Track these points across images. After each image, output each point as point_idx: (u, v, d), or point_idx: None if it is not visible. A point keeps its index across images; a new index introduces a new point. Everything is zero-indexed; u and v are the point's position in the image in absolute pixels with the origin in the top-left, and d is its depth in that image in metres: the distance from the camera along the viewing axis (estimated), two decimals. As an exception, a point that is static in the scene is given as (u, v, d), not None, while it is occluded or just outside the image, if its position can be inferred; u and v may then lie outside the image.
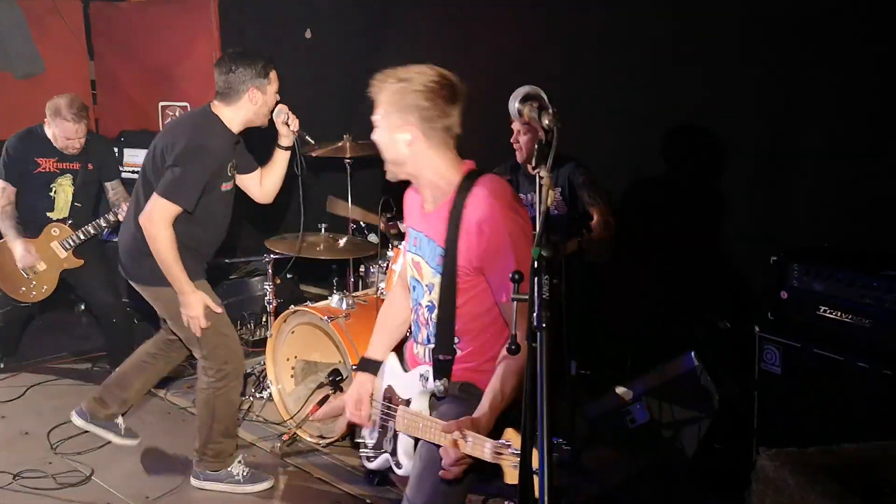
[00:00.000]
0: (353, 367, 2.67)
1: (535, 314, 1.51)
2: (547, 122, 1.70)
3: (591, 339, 4.21)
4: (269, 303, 4.38)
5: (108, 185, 4.75)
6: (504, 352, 2.18)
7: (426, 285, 2.44)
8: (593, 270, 4.27)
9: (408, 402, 2.42)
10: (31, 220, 4.62)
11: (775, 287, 3.25)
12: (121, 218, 4.32)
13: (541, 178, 1.62)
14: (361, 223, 4.77)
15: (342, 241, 4.37)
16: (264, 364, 4.28)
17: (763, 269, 3.37)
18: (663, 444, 3.82)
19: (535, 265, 1.53)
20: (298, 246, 4.06)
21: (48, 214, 4.64)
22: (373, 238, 4.65)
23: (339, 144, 4.57)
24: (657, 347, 4.11)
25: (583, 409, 4.02)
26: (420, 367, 2.46)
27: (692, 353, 3.74)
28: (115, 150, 5.31)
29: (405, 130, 2.26)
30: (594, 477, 3.75)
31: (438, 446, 2.13)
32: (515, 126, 4.15)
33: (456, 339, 2.36)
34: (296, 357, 4.18)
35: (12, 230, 4.52)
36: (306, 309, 3.93)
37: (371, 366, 2.62)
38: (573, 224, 4.16)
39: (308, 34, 5.61)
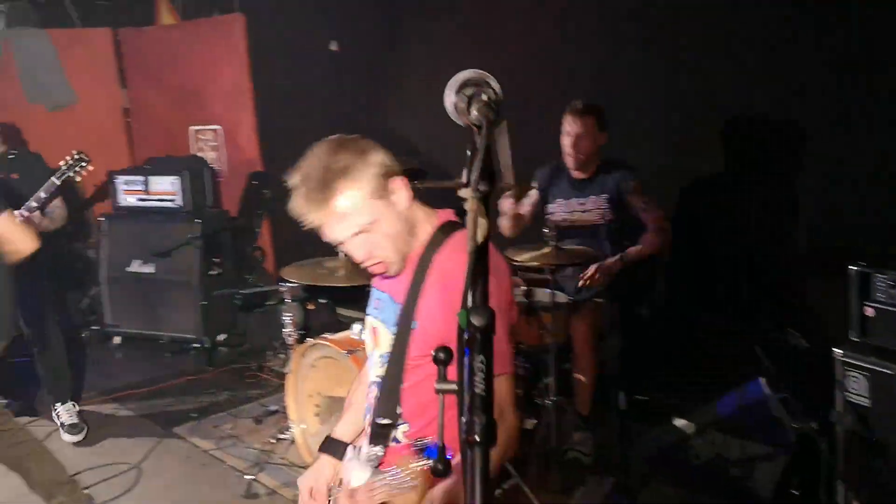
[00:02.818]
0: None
1: (463, 419, 0.99)
2: (475, 113, 1.17)
3: (646, 362, 3.84)
4: (290, 335, 4.04)
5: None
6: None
7: (380, 356, 2.00)
8: (646, 284, 3.98)
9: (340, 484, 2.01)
10: None
11: (858, 302, 2.76)
12: None
13: (463, 199, 1.06)
14: None
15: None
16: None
17: (842, 280, 2.89)
18: (732, 484, 3.35)
19: (462, 338, 1.01)
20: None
21: None
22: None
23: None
24: (721, 370, 3.67)
25: (639, 442, 3.60)
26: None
27: (761, 380, 3.27)
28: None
29: (395, 191, 1.88)
30: (653, 522, 3.31)
31: None
32: (567, 127, 3.85)
33: (400, 411, 1.92)
34: (319, 393, 3.83)
35: None
36: (324, 342, 3.59)
37: (335, 447, 2.14)
38: (619, 235, 3.81)
39: (334, 46, 5.34)
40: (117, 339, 5.85)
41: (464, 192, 1.03)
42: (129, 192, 5.80)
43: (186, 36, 6.43)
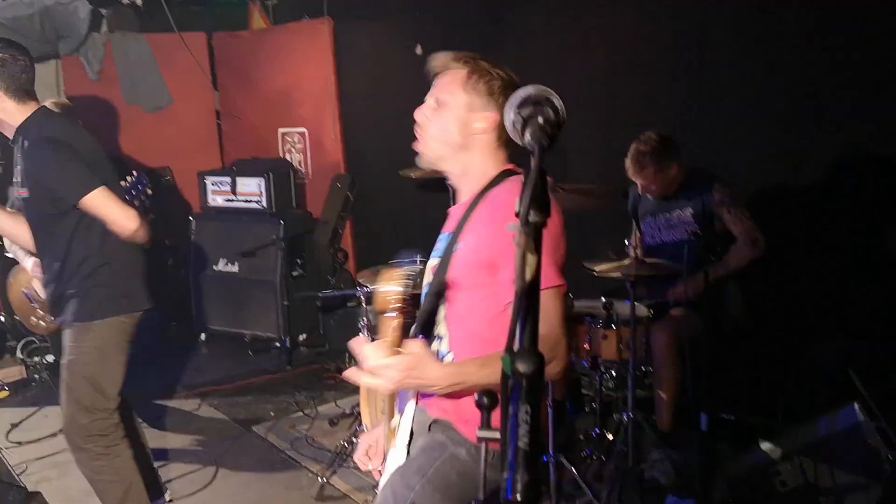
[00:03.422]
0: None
1: (506, 477, 0.86)
2: (528, 137, 1.11)
3: (731, 380, 3.66)
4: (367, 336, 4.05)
5: None
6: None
7: (426, 285, 2.05)
8: (733, 298, 3.83)
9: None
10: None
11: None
12: None
13: (514, 233, 0.97)
14: None
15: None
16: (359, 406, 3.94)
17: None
18: (822, 515, 3.16)
19: (506, 385, 0.90)
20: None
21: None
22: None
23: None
24: (814, 392, 3.48)
25: (721, 465, 3.44)
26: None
27: (856, 405, 3.07)
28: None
29: (482, 119, 1.97)
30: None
31: None
32: (631, 177, 3.77)
33: (438, 333, 1.95)
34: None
35: (21, 251, 4.32)
36: (398, 348, 3.56)
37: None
38: (708, 248, 3.65)
39: (418, 50, 5.32)
40: (202, 336, 6.00)
41: (512, 227, 0.95)
42: (216, 193, 5.94)
43: (276, 40, 6.55)
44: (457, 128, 1.98)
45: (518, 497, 0.85)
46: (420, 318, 1.99)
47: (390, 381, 1.65)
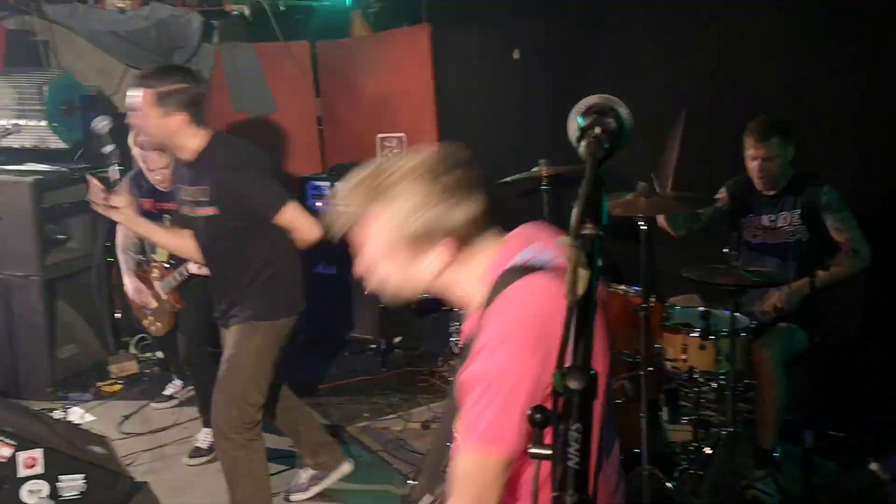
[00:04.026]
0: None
1: (554, 496, 0.85)
2: (581, 148, 1.07)
3: (840, 396, 3.48)
4: (457, 344, 4.07)
5: None
6: None
7: None
8: (840, 309, 3.69)
9: None
10: (144, 260, 4.51)
11: None
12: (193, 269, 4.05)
13: (566, 246, 0.94)
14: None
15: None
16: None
17: None
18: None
19: (558, 404, 0.89)
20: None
21: (153, 255, 4.45)
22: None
23: (537, 169, 4.21)
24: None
25: (827, 485, 3.28)
26: None
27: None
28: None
29: (431, 255, 1.58)
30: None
31: None
32: (750, 151, 3.65)
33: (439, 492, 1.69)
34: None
35: (124, 264, 4.49)
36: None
37: None
38: (813, 255, 3.50)
39: (516, 54, 5.31)
40: (302, 336, 6.14)
41: (561, 241, 0.93)
42: (317, 197, 6.08)
43: (376, 47, 6.65)
44: (406, 271, 1.60)
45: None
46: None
47: None
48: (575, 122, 1.11)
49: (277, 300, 3.27)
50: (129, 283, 4.47)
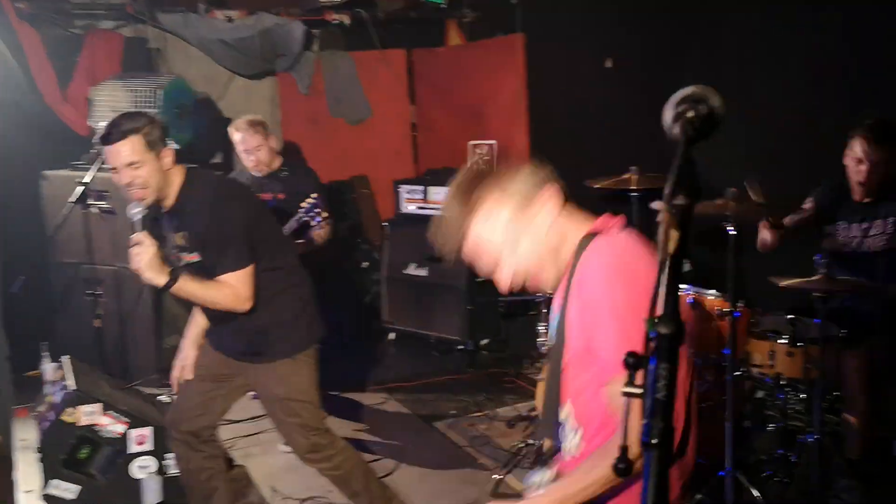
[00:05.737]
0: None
1: (644, 423, 1.01)
2: (675, 130, 1.16)
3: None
4: (543, 345, 4.15)
5: None
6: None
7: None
8: None
9: None
10: None
11: None
12: None
13: (657, 212, 1.09)
14: None
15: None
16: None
17: None
18: None
19: (649, 347, 1.03)
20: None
21: None
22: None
23: (626, 177, 4.25)
24: None
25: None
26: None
27: None
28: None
29: (536, 204, 1.87)
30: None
31: None
32: (858, 152, 3.51)
33: (574, 432, 1.81)
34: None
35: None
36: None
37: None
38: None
39: (608, 63, 5.37)
40: (392, 335, 6.34)
41: (656, 205, 1.06)
42: (410, 201, 6.28)
43: (471, 56, 6.82)
44: (525, 236, 1.83)
45: (653, 441, 1.00)
46: (546, 399, 1.90)
47: None
48: (669, 110, 1.22)
49: (306, 330, 3.20)
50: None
